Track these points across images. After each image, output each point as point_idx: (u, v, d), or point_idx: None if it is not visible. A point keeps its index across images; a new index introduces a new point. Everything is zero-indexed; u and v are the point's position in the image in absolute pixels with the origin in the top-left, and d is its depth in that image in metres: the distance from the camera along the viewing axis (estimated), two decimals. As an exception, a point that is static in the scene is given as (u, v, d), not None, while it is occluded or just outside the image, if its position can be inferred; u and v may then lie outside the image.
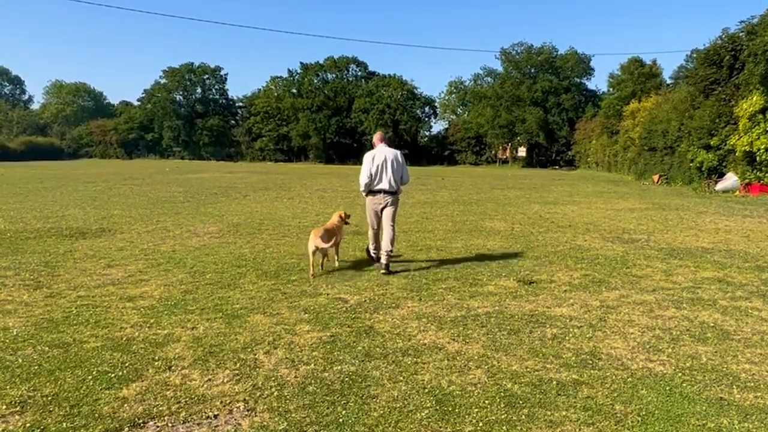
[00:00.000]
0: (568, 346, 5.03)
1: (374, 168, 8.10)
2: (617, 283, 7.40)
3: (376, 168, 8.10)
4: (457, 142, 68.25)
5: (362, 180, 8.19)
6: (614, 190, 24.52)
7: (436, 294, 6.75)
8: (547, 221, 13.52)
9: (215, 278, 7.42)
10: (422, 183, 28.29)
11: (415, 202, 18.19)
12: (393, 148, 8.43)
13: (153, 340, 5.03)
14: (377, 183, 8.14)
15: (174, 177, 31.47)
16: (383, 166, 8.11)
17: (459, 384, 4.20)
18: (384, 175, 8.12)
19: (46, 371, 4.33)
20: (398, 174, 8.22)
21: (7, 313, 5.79)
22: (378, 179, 8.13)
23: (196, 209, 15.43)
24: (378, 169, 8.11)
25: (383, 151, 8.22)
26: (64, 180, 27.56)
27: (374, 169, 8.10)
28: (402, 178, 8.32)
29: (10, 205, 15.84)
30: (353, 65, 73.32)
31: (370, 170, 8.10)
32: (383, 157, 8.14)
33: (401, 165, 8.28)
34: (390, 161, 8.14)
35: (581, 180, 33.54)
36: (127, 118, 76.89)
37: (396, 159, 8.22)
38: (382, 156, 8.15)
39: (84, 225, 12.09)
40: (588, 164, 51.77)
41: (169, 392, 4.01)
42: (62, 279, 7.30)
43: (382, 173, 8.12)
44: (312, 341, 5.06)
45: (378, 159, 8.12)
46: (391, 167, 8.13)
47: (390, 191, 8.17)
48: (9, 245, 9.64)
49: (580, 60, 62.33)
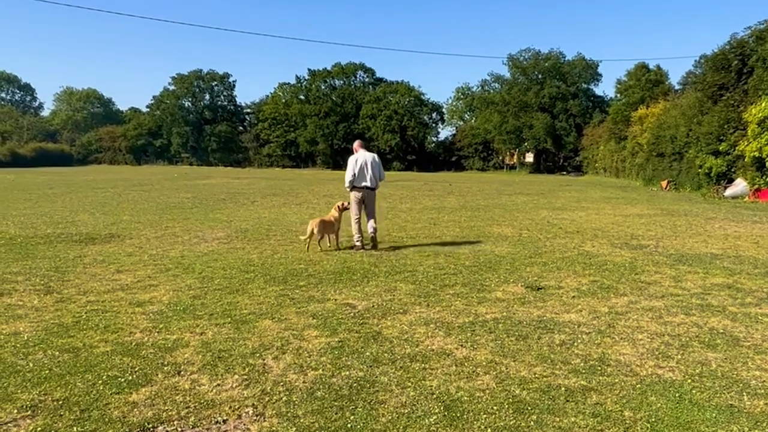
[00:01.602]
0: (576, 352, 5.02)
1: (357, 168, 9.99)
2: (626, 289, 7.37)
3: (360, 168, 10.00)
4: (464, 148, 68.27)
5: (348, 178, 10.07)
6: (622, 196, 24.43)
7: (443, 300, 6.75)
8: (555, 227, 13.49)
9: (224, 283, 7.45)
10: (429, 189, 28.30)
11: (423, 207, 18.20)
12: (371, 153, 10.31)
13: (162, 345, 5.06)
14: (360, 180, 10.02)
15: (182, 183, 31.63)
16: (365, 167, 10.03)
17: (467, 390, 4.20)
18: (366, 174, 10.05)
19: (57, 375, 4.36)
20: (376, 173, 10.17)
21: (18, 318, 5.83)
22: (361, 177, 10.01)
23: (205, 215, 15.50)
24: (361, 169, 10.00)
25: (364, 155, 10.13)
26: (74, 186, 27.75)
27: (357, 169, 9.99)
28: (379, 175, 10.24)
29: (21, 210, 15.97)
30: (361, 71, 73.64)
31: (354, 170, 9.98)
32: (364, 159, 10.06)
33: (378, 165, 10.25)
34: (370, 163, 10.09)
35: (589, 186, 33.46)
36: (136, 125, 77.44)
37: (374, 161, 10.19)
38: (363, 159, 10.06)
39: (93, 230, 12.17)
40: (596, 170, 51.64)
41: (179, 397, 4.03)
42: (72, 284, 7.35)
43: (364, 172, 10.03)
44: (320, 347, 5.08)
45: (360, 161, 10.02)
46: (371, 168, 10.08)
47: (371, 187, 10.11)
48: (20, 250, 9.72)
49: (587, 66, 62.31)
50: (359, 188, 10.05)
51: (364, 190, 10.05)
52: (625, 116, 44.49)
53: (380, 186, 10.51)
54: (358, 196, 10.07)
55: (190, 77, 76.76)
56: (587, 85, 63.51)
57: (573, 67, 62.22)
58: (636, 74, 49.69)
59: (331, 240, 10.22)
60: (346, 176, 10.16)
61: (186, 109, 77.08)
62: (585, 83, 63.17)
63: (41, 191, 23.88)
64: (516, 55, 63.79)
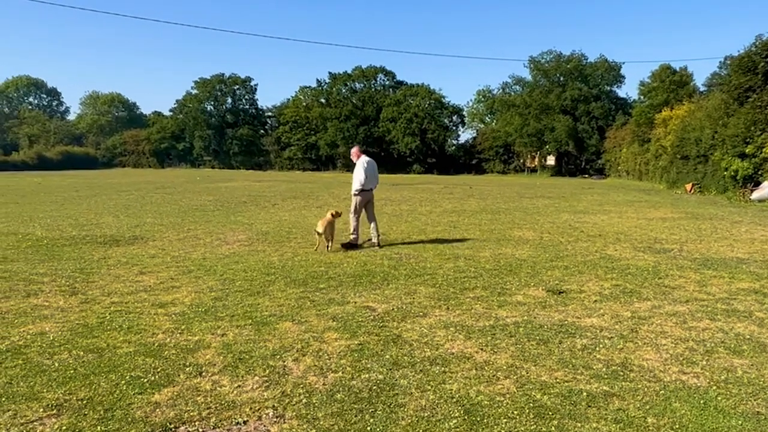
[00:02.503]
0: (598, 357, 4.96)
1: (367, 173, 10.60)
2: (649, 293, 7.27)
3: (368, 173, 10.62)
4: (484, 151, 67.92)
5: (359, 182, 10.50)
6: (646, 199, 24.12)
7: (464, 303, 6.72)
8: (577, 230, 13.36)
9: (245, 285, 7.51)
10: (449, 192, 28.23)
11: (443, 210, 18.16)
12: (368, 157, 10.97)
13: (184, 346, 5.11)
14: (368, 184, 10.65)
15: (204, 186, 31.96)
16: (372, 172, 10.81)
17: (487, 394, 4.18)
18: (373, 177, 10.87)
19: (81, 375, 4.43)
20: (377, 175, 11.11)
21: (44, 318, 5.94)
22: (369, 181, 10.64)
23: (226, 217, 15.63)
24: (368, 173, 10.64)
25: (369, 160, 10.85)
26: (99, 189, 28.20)
27: (367, 173, 10.60)
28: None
29: (47, 213, 16.26)
30: (381, 75, 73.67)
31: (365, 175, 10.53)
32: (370, 164, 10.81)
33: (376, 168, 11.13)
34: (375, 167, 10.97)
35: (611, 189, 33.08)
36: (160, 128, 78.36)
37: (374, 164, 11.03)
38: (369, 164, 10.77)
39: (117, 233, 12.35)
40: (618, 173, 51.05)
41: (200, 398, 4.07)
42: (96, 285, 7.47)
43: (371, 177, 10.78)
44: (340, 349, 5.09)
45: (368, 166, 10.69)
46: (375, 171, 10.96)
47: (373, 189, 10.94)
48: (46, 252, 9.89)
49: (610, 68, 61.62)
50: (366, 191, 10.62)
51: (369, 192, 10.74)
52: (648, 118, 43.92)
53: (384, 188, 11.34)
54: (365, 198, 10.66)
55: (212, 81, 77.52)
56: (610, 87, 62.81)
57: (595, 69, 61.60)
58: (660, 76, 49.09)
59: (326, 239, 10.54)
60: (356, 181, 10.52)
61: (208, 112, 77.83)
62: (608, 85, 62.49)
63: (67, 194, 24.30)
64: (537, 57, 63.38)
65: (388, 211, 17.71)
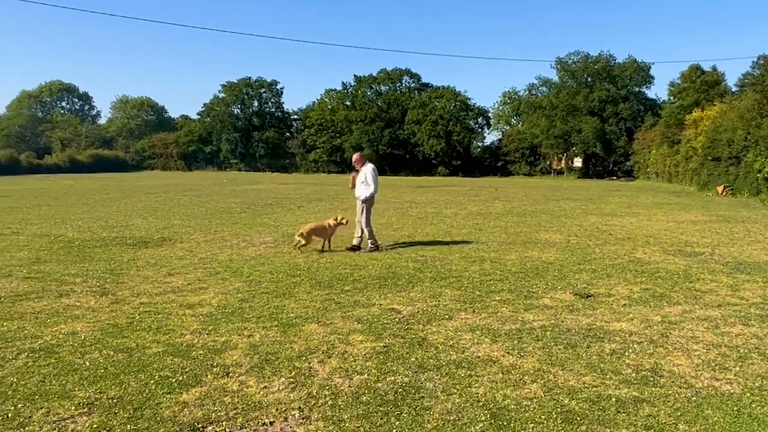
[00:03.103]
0: (627, 361, 4.88)
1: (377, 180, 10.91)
2: (680, 297, 7.13)
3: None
4: (510, 153, 67.41)
5: (375, 190, 10.84)
6: (675, 202, 23.69)
7: (489, 306, 6.67)
8: (605, 233, 13.18)
9: (271, 287, 7.56)
10: (475, 194, 28.08)
11: (468, 213, 18.07)
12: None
13: (211, 347, 5.17)
14: (377, 191, 10.98)
15: (231, 188, 32.30)
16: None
17: (514, 398, 4.14)
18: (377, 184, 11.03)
19: (112, 374, 4.50)
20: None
21: (76, 318, 6.06)
22: (377, 188, 10.94)
23: (252, 219, 15.77)
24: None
25: (374, 167, 10.98)
26: (128, 191, 28.69)
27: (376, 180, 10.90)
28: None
29: (79, 215, 16.60)
30: (406, 77, 73.64)
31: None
32: (376, 171, 11.01)
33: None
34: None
35: (640, 191, 32.56)
36: (188, 131, 79.38)
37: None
38: (376, 171, 10.97)
39: (146, 234, 12.54)
40: (647, 175, 50.23)
41: (227, 398, 4.10)
42: (126, 286, 7.59)
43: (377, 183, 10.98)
44: (365, 351, 5.09)
45: (377, 173, 10.95)
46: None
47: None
48: (77, 253, 10.09)
49: (639, 68, 60.70)
50: (374, 196, 11.02)
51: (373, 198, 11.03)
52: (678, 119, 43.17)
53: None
54: (374, 204, 11.14)
55: (239, 85, 78.31)
56: (638, 87, 61.87)
57: (624, 70, 60.75)
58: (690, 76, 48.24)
59: (325, 245, 10.75)
60: (373, 188, 10.79)
61: (235, 115, 78.61)
62: (636, 86, 61.56)
63: (97, 196, 24.77)
64: (564, 58, 62.74)
65: (413, 214, 17.69)
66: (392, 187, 34.21)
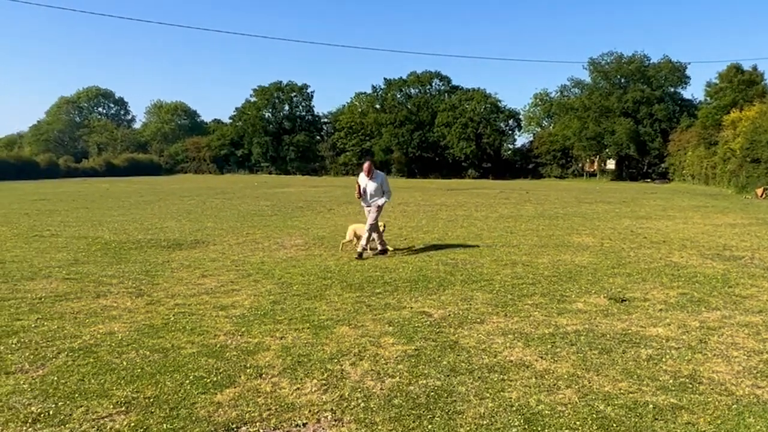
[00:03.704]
0: (665, 368, 4.77)
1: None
2: (718, 303, 6.96)
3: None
4: (542, 155, 66.75)
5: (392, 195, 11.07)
6: (713, 204, 23.14)
7: (522, 310, 6.61)
8: (640, 236, 12.93)
9: (302, 289, 7.61)
10: (505, 197, 27.85)
11: (499, 216, 17.93)
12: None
13: (245, 348, 5.22)
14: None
15: (262, 191, 32.65)
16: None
17: (548, 403, 4.08)
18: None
19: (148, 374, 4.58)
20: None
21: (113, 319, 6.18)
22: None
23: (283, 222, 15.91)
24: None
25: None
26: (162, 194, 29.22)
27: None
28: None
29: (115, 217, 16.97)
30: (436, 80, 73.58)
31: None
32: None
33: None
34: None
35: (676, 193, 31.90)
36: (220, 135, 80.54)
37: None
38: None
39: (180, 236, 12.75)
40: (683, 177, 49.21)
41: (260, 399, 4.14)
42: (161, 287, 7.73)
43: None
44: (397, 354, 5.08)
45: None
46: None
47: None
48: (114, 255, 10.32)
49: (674, 68, 59.59)
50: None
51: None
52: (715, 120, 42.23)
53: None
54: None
55: (270, 89, 79.20)
56: (674, 88, 60.73)
57: (658, 70, 59.67)
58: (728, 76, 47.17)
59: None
60: (389, 193, 11.12)
61: (266, 119, 79.49)
62: (671, 86, 60.43)
63: (132, 199, 25.28)
64: (597, 59, 61.97)
65: (444, 216, 17.62)
66: (422, 190, 34.15)
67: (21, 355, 5.02)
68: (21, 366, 4.76)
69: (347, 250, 10.69)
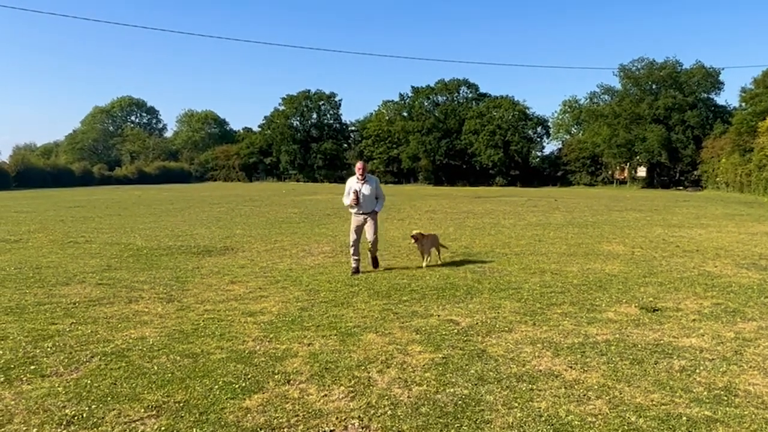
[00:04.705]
0: (698, 379, 4.67)
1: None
2: (754, 313, 6.78)
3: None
4: (570, 163, 65.96)
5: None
6: (748, 213, 22.58)
7: (551, 319, 6.53)
8: (672, 245, 12.69)
9: (329, 296, 7.64)
10: (534, 205, 27.60)
11: (527, 224, 17.77)
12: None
13: (273, 354, 5.26)
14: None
15: (290, 199, 32.92)
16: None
17: (578, 414, 4.03)
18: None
19: (178, 379, 4.64)
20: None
21: (144, 324, 6.29)
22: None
23: (311, 229, 16.01)
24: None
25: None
26: (192, 201, 29.66)
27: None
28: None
29: (146, 224, 17.27)
30: (464, 87, 73.34)
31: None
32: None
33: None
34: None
35: (709, 201, 31.23)
36: (249, 143, 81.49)
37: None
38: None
39: (209, 243, 12.92)
40: (716, 185, 48.14)
41: (288, 405, 4.16)
42: (191, 293, 7.84)
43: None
44: (424, 362, 5.07)
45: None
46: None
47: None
48: (145, 261, 10.50)
49: (707, 74, 58.33)
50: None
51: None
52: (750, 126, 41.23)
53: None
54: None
55: (299, 97, 79.92)
56: (707, 94, 59.42)
57: (691, 76, 58.52)
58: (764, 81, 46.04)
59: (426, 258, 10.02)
60: (384, 198, 9.95)
61: (294, 127, 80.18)
62: (704, 92, 59.14)
63: (163, 206, 25.72)
64: (628, 65, 60.97)
65: (471, 224, 17.54)
66: (449, 198, 34.04)
67: (56, 358, 5.14)
68: (56, 369, 4.87)
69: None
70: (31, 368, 4.88)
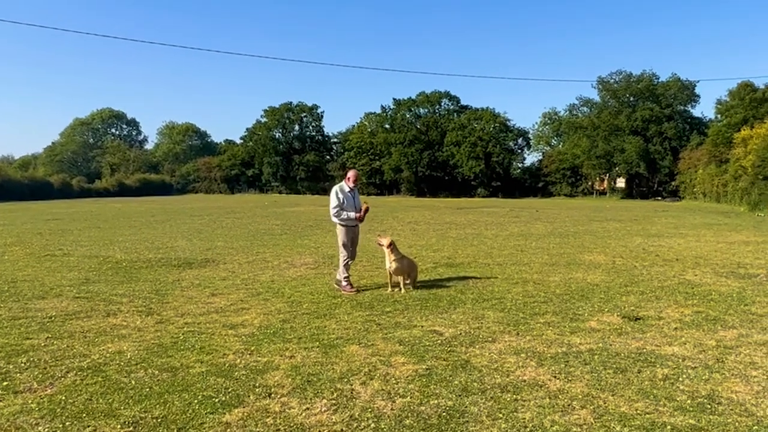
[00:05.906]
0: (682, 387, 4.67)
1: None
2: (735, 321, 6.83)
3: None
4: (551, 174, 66.62)
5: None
6: (725, 222, 22.91)
7: (534, 329, 6.52)
8: (652, 254, 12.80)
9: (312, 308, 7.56)
10: (515, 215, 27.74)
11: (509, 234, 17.83)
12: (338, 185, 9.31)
13: (254, 368, 5.17)
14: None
15: (272, 210, 32.72)
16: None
17: (563, 424, 4.00)
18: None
19: (156, 394, 4.54)
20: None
21: (122, 338, 6.16)
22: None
23: (293, 241, 15.90)
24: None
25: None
26: (173, 214, 29.35)
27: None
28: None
29: (126, 237, 17.03)
30: (445, 99, 73.85)
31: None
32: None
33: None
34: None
35: (687, 211, 31.64)
36: (230, 155, 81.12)
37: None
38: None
39: (190, 256, 12.76)
40: (694, 195, 48.83)
41: (269, 419, 4.08)
42: (171, 306, 7.71)
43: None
44: (407, 373, 5.01)
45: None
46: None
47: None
48: (125, 274, 10.33)
49: (683, 86, 59.47)
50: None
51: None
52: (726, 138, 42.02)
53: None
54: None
55: (281, 109, 79.85)
56: (683, 106, 60.54)
57: (667, 89, 59.57)
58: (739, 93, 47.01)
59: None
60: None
61: (276, 139, 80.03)
62: (681, 105, 60.26)
63: (144, 219, 25.40)
64: (606, 78, 61.97)
65: (453, 235, 17.55)
66: (431, 209, 34.10)
67: (30, 374, 5.00)
68: (29, 385, 4.73)
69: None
70: (4, 384, 4.74)
